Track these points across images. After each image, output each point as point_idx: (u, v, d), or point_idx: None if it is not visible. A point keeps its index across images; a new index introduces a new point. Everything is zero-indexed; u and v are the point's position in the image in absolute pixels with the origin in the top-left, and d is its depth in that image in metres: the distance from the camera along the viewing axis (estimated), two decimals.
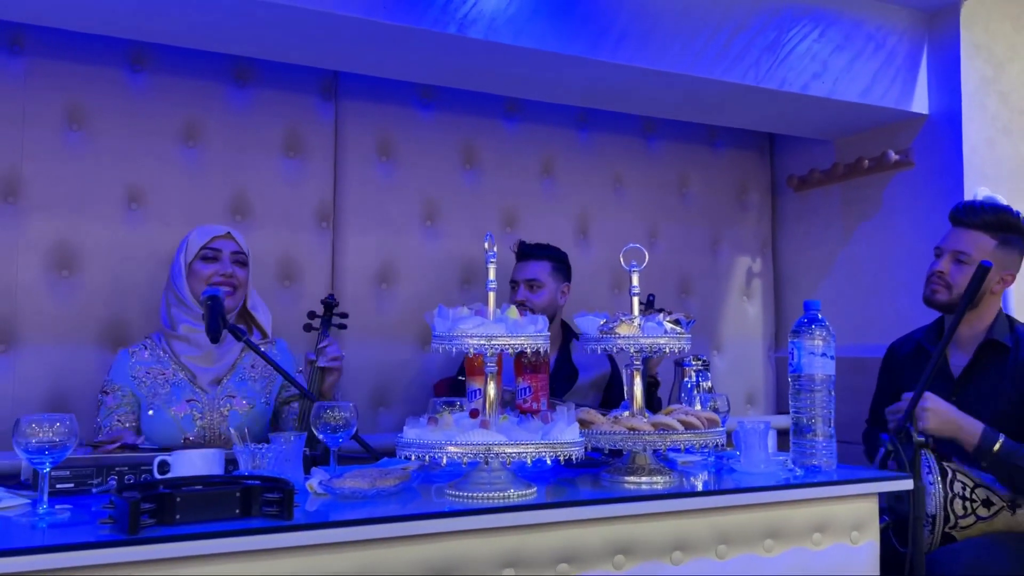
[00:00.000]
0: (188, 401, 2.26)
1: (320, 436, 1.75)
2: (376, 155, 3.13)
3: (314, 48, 2.68)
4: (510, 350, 1.58)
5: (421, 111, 3.21)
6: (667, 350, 1.78)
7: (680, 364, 2.36)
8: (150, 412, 2.25)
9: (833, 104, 3.14)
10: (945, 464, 2.14)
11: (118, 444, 1.90)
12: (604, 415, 1.84)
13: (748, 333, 3.79)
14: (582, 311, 1.85)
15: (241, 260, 2.37)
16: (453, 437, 1.54)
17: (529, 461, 1.54)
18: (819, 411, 1.93)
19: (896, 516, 1.97)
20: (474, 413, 1.71)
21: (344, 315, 2.56)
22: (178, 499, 1.31)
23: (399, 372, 3.11)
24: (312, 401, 2.12)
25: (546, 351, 2.03)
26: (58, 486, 1.60)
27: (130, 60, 2.78)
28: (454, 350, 1.59)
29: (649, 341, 1.77)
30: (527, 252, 2.96)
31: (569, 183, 3.46)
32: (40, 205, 2.62)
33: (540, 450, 1.54)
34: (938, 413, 2.13)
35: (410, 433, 1.58)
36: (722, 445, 1.88)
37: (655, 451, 1.82)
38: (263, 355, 2.15)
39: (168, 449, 2.06)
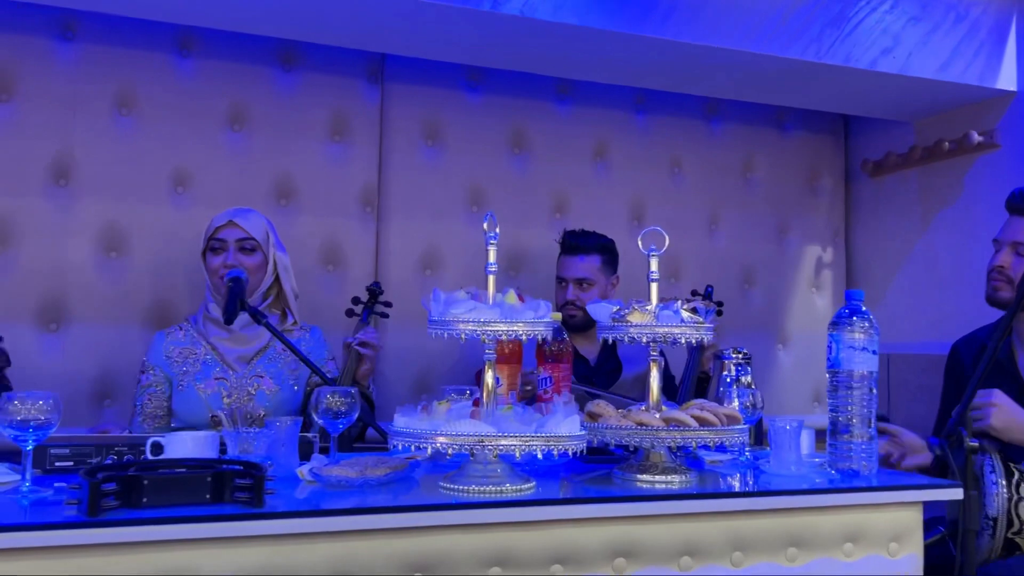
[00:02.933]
0: (217, 379, 2.28)
1: (320, 422, 1.71)
2: (422, 139, 3.08)
3: (361, 30, 2.66)
4: (504, 337, 1.50)
5: (469, 94, 3.15)
6: (683, 340, 1.66)
7: (720, 357, 2.22)
8: (180, 388, 2.28)
9: (907, 81, 2.90)
10: (1012, 465, 1.93)
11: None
12: (619, 409, 1.74)
13: (817, 327, 3.57)
14: (596, 298, 1.75)
15: (249, 246, 2.34)
16: (440, 427, 1.46)
17: (518, 454, 1.45)
18: (857, 410, 1.76)
19: (956, 525, 1.79)
20: (478, 402, 1.63)
21: (388, 304, 2.53)
22: (145, 482, 1.29)
23: (442, 359, 3.07)
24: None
25: (565, 338, 1.94)
26: (57, 464, 1.61)
27: (178, 45, 2.81)
28: (445, 335, 1.51)
29: (664, 330, 1.66)
30: (574, 246, 2.80)
31: (624, 168, 3.33)
32: (90, 188, 2.69)
33: (530, 443, 1.45)
34: (1004, 410, 1.94)
35: (400, 421, 1.52)
36: (745, 443, 1.75)
37: (680, 448, 1.71)
38: (282, 337, 2.14)
39: (196, 428, 2.08)
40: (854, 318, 1.80)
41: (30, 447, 1.41)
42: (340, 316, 2.61)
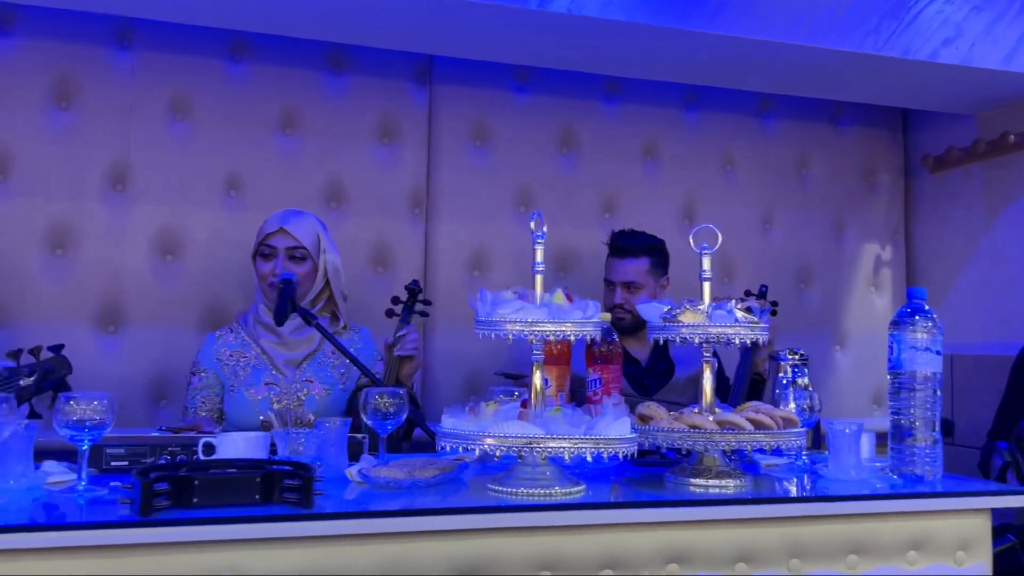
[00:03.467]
0: (267, 384, 2.29)
1: (369, 423, 1.71)
2: (470, 140, 3.08)
3: (409, 32, 2.67)
4: (552, 337, 1.47)
5: (516, 94, 3.13)
6: (737, 341, 1.62)
7: (775, 359, 2.16)
8: (231, 393, 2.29)
9: (970, 73, 2.80)
10: None
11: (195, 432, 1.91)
12: (671, 411, 1.70)
13: (876, 328, 3.47)
14: (644, 297, 1.71)
15: (299, 255, 2.33)
16: (488, 428, 1.45)
17: (567, 457, 1.43)
18: (920, 413, 1.70)
19: None
20: (526, 404, 1.61)
21: (427, 302, 2.52)
22: (196, 482, 1.30)
23: (492, 361, 3.04)
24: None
25: (615, 339, 1.91)
26: (113, 463, 1.63)
27: (230, 50, 2.85)
28: (493, 335, 1.50)
29: (717, 330, 1.62)
30: (622, 248, 2.72)
31: (674, 166, 3.28)
32: (146, 193, 2.74)
33: (580, 445, 1.43)
34: None
35: (447, 422, 1.50)
36: (802, 447, 1.70)
37: (735, 452, 1.67)
38: (333, 339, 2.14)
39: (245, 430, 2.09)
40: (916, 317, 1.74)
41: (86, 447, 1.43)
42: (389, 318, 2.61)
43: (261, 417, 2.23)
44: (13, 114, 2.61)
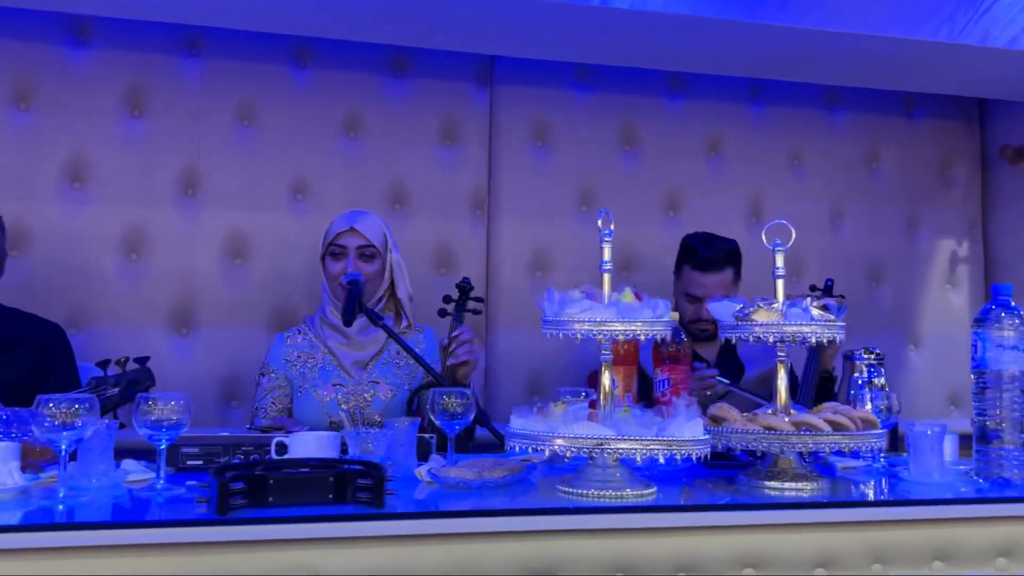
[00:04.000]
0: (334, 385, 2.31)
1: (437, 423, 1.71)
2: (531, 140, 3.06)
3: (470, 33, 2.68)
4: (621, 337, 1.45)
5: (578, 92, 3.11)
6: (813, 340, 1.57)
7: (849, 358, 2.11)
8: (300, 394, 2.32)
9: None
10: None
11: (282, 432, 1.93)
12: (744, 413, 1.66)
13: (952, 326, 3.35)
14: (717, 296, 1.68)
15: (368, 254, 2.35)
16: (557, 429, 1.43)
17: (639, 458, 1.40)
18: (1007, 414, 1.63)
19: None
20: (594, 404, 1.59)
21: (479, 299, 2.51)
22: (271, 481, 1.31)
23: (554, 361, 3.03)
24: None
25: (683, 339, 1.88)
26: (188, 462, 1.67)
27: (295, 56, 2.89)
28: (561, 335, 1.48)
29: (793, 329, 1.57)
30: (707, 261, 2.58)
31: (739, 162, 3.22)
32: (215, 198, 2.79)
33: (652, 447, 1.40)
34: None
35: (516, 423, 1.49)
36: (881, 449, 1.64)
37: (810, 454, 1.62)
38: (399, 340, 2.15)
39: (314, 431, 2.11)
40: (1002, 314, 1.67)
41: (163, 446, 1.46)
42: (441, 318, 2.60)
43: (332, 419, 2.25)
44: (89, 123, 2.69)
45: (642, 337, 1.46)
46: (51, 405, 1.35)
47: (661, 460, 1.41)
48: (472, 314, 2.41)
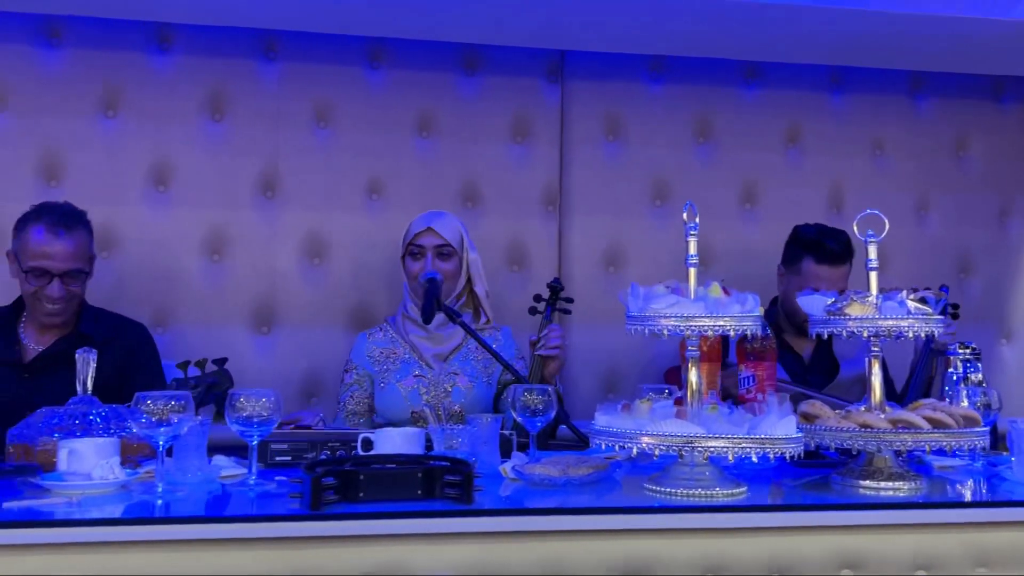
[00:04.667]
0: (415, 376, 2.35)
1: (519, 419, 1.70)
2: (603, 135, 3.04)
3: (541, 28, 2.68)
4: (710, 332, 1.42)
5: (650, 85, 3.07)
6: (910, 334, 1.51)
7: (944, 353, 2.03)
8: (382, 386, 2.36)
9: None
10: None
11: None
12: (837, 409, 1.61)
13: None
14: (807, 289, 1.63)
15: (446, 252, 2.39)
16: (645, 426, 1.41)
17: (731, 456, 1.37)
18: None
19: None
20: (679, 402, 1.56)
21: (569, 300, 2.50)
22: (361, 477, 1.32)
23: (629, 358, 3.00)
24: None
25: (769, 335, 1.83)
26: (277, 458, 1.69)
27: (368, 57, 2.92)
28: (647, 331, 1.46)
29: (889, 323, 1.52)
30: (834, 255, 2.49)
31: (819, 152, 3.13)
32: (293, 199, 2.84)
33: (744, 445, 1.36)
34: None
35: (601, 420, 1.47)
36: (986, 448, 1.57)
37: (905, 453, 1.56)
38: (475, 335, 2.17)
39: (396, 423, 2.13)
40: None
41: (255, 442, 1.49)
42: (526, 315, 2.60)
43: (413, 410, 2.28)
44: (173, 128, 2.77)
45: (732, 332, 1.43)
46: (149, 402, 1.39)
47: (754, 459, 1.38)
48: (562, 313, 2.42)
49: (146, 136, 2.76)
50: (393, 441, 1.63)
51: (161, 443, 1.41)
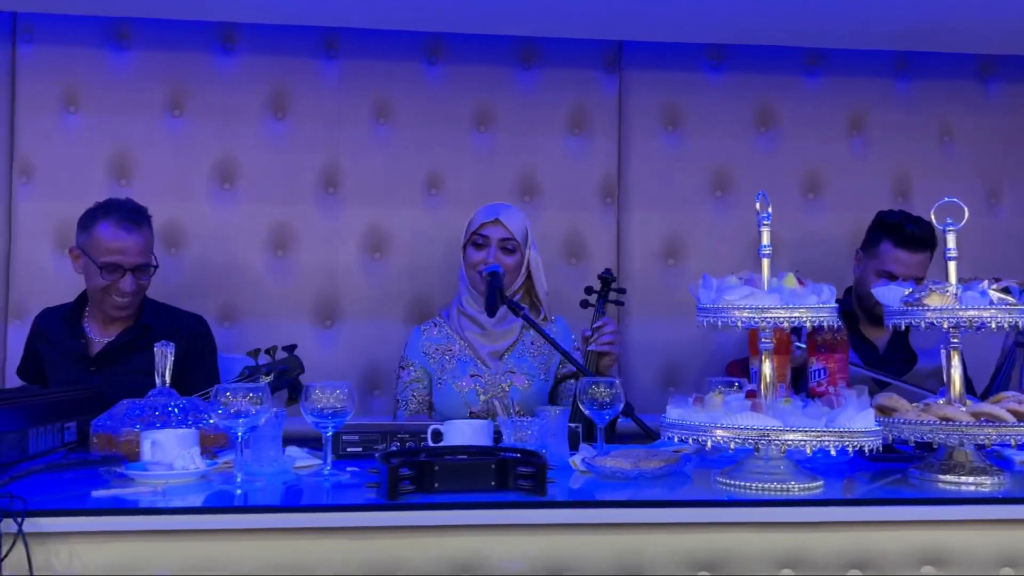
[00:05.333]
0: (472, 376, 2.34)
1: (586, 412, 1.70)
2: (661, 125, 3.01)
3: (599, 18, 2.66)
4: (786, 324, 1.40)
5: (710, 74, 3.03)
6: (993, 325, 1.47)
7: (1021, 345, 1.97)
8: (439, 385, 2.36)
9: None
10: None
11: None
12: (915, 403, 1.58)
13: None
14: (883, 280, 1.60)
15: (510, 247, 2.36)
16: (719, 419, 1.39)
17: (809, 450, 1.35)
18: None
19: None
20: (751, 394, 1.54)
21: (622, 290, 2.48)
22: (436, 467, 1.33)
23: (689, 351, 2.97)
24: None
25: (841, 326, 1.79)
26: (348, 449, 1.72)
27: (427, 53, 2.93)
28: (719, 323, 1.44)
29: (971, 314, 1.47)
30: (917, 239, 2.44)
31: (884, 140, 3.06)
32: (354, 194, 2.87)
33: (823, 438, 1.34)
34: None
35: (673, 413, 1.46)
36: None
37: (983, 447, 1.52)
38: (541, 331, 2.16)
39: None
40: None
41: (330, 433, 1.51)
42: (580, 309, 2.59)
43: (471, 410, 2.28)
44: (237, 126, 2.82)
45: (808, 324, 1.40)
46: (228, 394, 1.42)
47: (832, 452, 1.35)
48: (615, 305, 2.40)
49: (211, 134, 2.81)
50: (462, 433, 1.64)
51: (240, 433, 1.44)
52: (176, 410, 1.68)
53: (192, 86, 2.81)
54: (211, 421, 1.69)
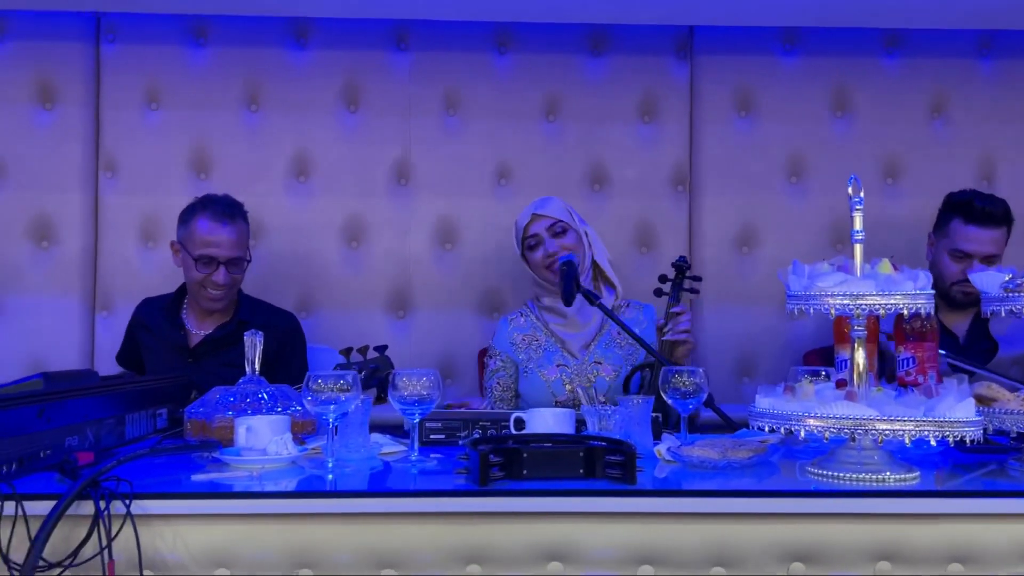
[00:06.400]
0: (558, 366, 2.34)
1: (669, 401, 1.69)
2: (734, 111, 2.96)
3: (670, 3, 2.64)
4: (881, 311, 1.36)
5: (784, 58, 2.96)
6: None
7: None
8: (525, 374, 2.37)
9: None
10: None
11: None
12: (1015, 391, 1.53)
13: None
14: (978, 266, 1.54)
15: (559, 229, 2.35)
16: (813, 409, 1.37)
17: (908, 440, 1.31)
18: None
19: None
20: (841, 383, 1.51)
21: (697, 278, 2.45)
22: (525, 455, 1.34)
23: (764, 340, 2.93)
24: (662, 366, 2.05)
25: (930, 314, 1.75)
26: (431, 436, 1.74)
27: (495, 43, 2.94)
28: (811, 310, 1.41)
29: None
30: (987, 214, 2.37)
31: (967, 123, 2.96)
32: (425, 185, 2.90)
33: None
34: None
35: (763, 402, 1.44)
36: None
37: None
38: (615, 319, 2.15)
39: None
40: None
41: (416, 420, 1.52)
42: (654, 298, 2.56)
43: (556, 399, 2.28)
44: (311, 119, 2.87)
45: (904, 311, 1.37)
46: (320, 381, 1.45)
47: (932, 442, 1.32)
48: (689, 293, 2.36)
49: (286, 128, 2.86)
50: (545, 421, 1.64)
51: (330, 420, 1.47)
52: (266, 396, 1.72)
53: (267, 81, 2.86)
54: (298, 409, 1.73)
